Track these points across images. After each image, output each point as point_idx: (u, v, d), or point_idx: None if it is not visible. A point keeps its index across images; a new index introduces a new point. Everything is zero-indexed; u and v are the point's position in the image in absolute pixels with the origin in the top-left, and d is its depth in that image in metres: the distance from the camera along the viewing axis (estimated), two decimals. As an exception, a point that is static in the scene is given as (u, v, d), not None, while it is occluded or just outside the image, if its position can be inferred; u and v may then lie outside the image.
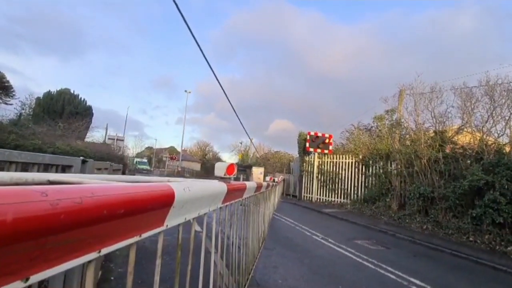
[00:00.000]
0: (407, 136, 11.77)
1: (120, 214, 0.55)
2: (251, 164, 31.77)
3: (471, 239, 7.19)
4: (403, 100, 12.08)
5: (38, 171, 1.54)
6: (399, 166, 10.97)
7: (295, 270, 4.25)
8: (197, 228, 1.36)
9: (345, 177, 14.58)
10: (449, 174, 8.91)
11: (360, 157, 14.01)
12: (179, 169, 42.95)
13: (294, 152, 26.10)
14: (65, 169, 1.84)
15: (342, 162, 14.92)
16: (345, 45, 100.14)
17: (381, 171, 12.40)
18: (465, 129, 9.73)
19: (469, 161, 8.63)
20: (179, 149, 49.61)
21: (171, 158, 46.40)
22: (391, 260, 5.17)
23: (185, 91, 42.68)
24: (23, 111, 22.34)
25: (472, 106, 9.15)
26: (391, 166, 11.76)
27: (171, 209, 0.80)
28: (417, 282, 4.17)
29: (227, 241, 2.00)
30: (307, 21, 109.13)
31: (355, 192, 13.95)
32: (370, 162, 13.21)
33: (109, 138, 29.43)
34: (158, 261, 0.81)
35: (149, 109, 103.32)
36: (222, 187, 1.41)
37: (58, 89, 25.86)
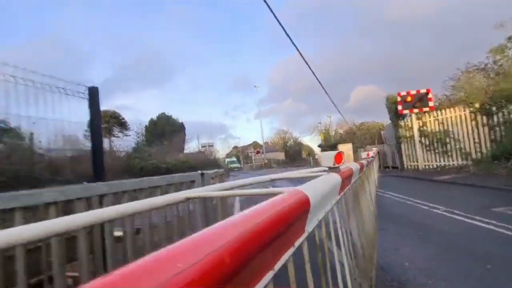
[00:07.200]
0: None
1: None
2: (336, 142, 30.25)
3: None
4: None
5: (174, 191, 1.86)
6: (542, 105, 8.25)
7: (420, 249, 3.77)
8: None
9: (458, 134, 12.03)
10: None
11: (477, 105, 11.23)
12: (265, 161, 45.07)
13: (383, 119, 23.36)
14: (190, 184, 2.17)
15: (451, 117, 12.33)
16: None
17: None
18: None
19: None
20: (261, 143, 51.98)
21: (256, 152, 49.17)
22: (560, 229, 3.94)
23: (254, 86, 44.21)
24: (139, 139, 27.96)
25: None
26: (527, 107, 8.98)
27: (308, 215, 0.78)
28: None
29: (348, 233, 1.91)
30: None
31: (477, 149, 11.32)
32: (493, 109, 10.44)
33: (202, 146, 33.56)
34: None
35: (230, 110, 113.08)
36: (336, 177, 1.33)
37: (157, 115, 31.21)
